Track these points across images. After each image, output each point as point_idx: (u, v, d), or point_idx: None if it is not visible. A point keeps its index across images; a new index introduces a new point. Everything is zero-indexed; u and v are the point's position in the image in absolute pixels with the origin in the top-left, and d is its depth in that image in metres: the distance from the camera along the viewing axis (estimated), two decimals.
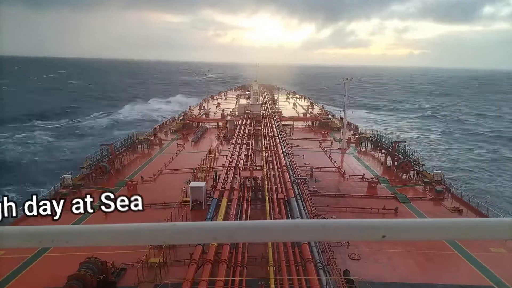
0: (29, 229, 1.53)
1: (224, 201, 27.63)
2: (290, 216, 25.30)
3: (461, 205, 31.64)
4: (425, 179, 37.91)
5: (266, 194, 29.69)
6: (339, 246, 23.18)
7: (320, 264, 19.10)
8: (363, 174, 39.11)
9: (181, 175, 37.84)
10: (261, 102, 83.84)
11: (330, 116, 74.71)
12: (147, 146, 55.00)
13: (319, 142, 54.92)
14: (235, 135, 51.76)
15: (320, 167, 40.64)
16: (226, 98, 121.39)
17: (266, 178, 32.66)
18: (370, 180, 36.76)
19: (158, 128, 70.07)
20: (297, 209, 25.91)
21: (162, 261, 21.13)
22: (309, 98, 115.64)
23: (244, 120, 64.65)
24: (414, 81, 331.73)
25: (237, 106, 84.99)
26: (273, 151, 42.80)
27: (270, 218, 25.44)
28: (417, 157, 41.39)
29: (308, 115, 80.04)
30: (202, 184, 31.21)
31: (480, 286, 20.11)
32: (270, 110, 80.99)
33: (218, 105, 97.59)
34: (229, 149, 44.16)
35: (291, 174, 33.82)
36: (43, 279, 20.41)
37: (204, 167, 39.45)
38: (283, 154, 40.63)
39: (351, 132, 61.95)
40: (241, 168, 35.58)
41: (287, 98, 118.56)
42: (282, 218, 24.79)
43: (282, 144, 46.35)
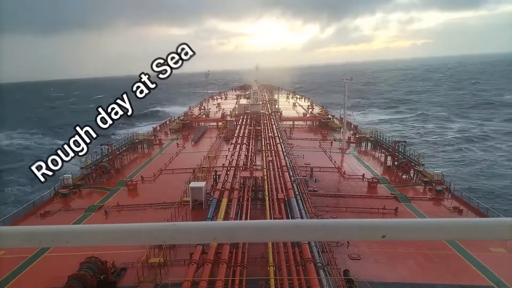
0: (29, 229, 1.53)
1: (224, 201, 27.63)
2: (290, 216, 25.28)
3: (461, 205, 31.63)
4: (425, 179, 37.90)
5: (266, 194, 29.68)
6: (339, 246, 23.19)
7: (320, 264, 19.10)
8: (363, 174, 39.11)
9: (181, 175, 37.86)
10: (261, 102, 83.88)
11: (330, 116, 74.73)
12: (147, 146, 55.08)
13: (319, 142, 54.93)
14: (235, 135, 51.78)
15: (320, 167, 40.67)
16: (226, 98, 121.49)
17: (266, 178, 32.66)
18: (370, 180, 36.77)
19: (158, 128, 70.14)
20: (297, 209, 25.89)
21: (162, 261, 21.13)
22: (309, 98, 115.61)
23: (244, 120, 64.66)
24: (432, 71, 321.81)
25: (237, 106, 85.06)
26: (273, 151, 42.80)
27: (270, 218, 25.42)
28: (417, 157, 41.40)
29: (308, 115, 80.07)
30: (202, 184, 31.23)
31: (480, 286, 20.10)
32: (270, 110, 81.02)
33: (218, 105, 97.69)
34: (229, 149, 44.18)
35: (291, 174, 33.80)
36: (43, 279, 20.41)
37: (204, 167, 39.49)
38: (283, 154, 40.62)
39: (351, 132, 61.96)
40: (241, 168, 35.59)
41: (287, 98, 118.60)
42: (282, 218, 24.78)
43: (282, 144, 46.34)
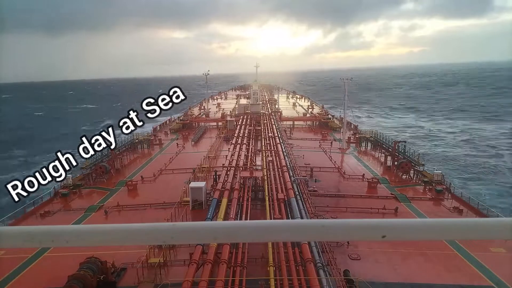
0: (29, 229, 1.53)
1: (224, 201, 27.64)
2: (290, 216, 25.29)
3: (461, 205, 31.64)
4: (425, 179, 37.91)
5: (266, 194, 29.68)
6: (339, 246, 23.19)
7: (320, 264, 19.10)
8: (363, 174, 39.11)
9: (181, 175, 37.88)
10: (261, 102, 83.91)
11: (330, 116, 74.76)
12: (147, 146, 55.09)
13: (319, 142, 54.95)
14: (235, 135, 51.80)
15: (320, 167, 40.68)
16: (226, 98, 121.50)
17: (266, 178, 32.66)
18: (370, 180, 36.76)
19: (158, 128, 70.12)
20: (297, 209, 25.89)
21: (162, 261, 21.12)
22: (309, 98, 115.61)
23: (244, 120, 64.68)
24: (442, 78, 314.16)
25: (237, 106, 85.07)
26: (273, 151, 42.81)
27: (270, 218, 25.42)
28: (417, 157, 41.40)
29: (308, 115, 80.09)
30: (202, 184, 31.23)
31: (480, 286, 20.10)
32: (270, 110, 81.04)
33: (218, 105, 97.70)
34: (229, 149, 44.19)
35: (291, 174, 33.81)
36: (43, 279, 20.41)
37: (204, 167, 39.49)
38: (283, 154, 40.63)
39: (351, 132, 61.96)
40: (241, 168, 35.59)
41: (287, 98, 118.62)
42: (282, 218, 24.78)
43: (282, 144, 46.35)
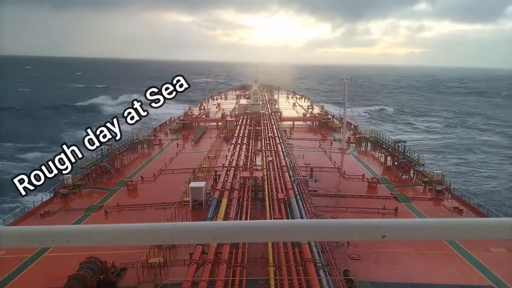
0: (29, 229, 1.53)
1: (224, 201, 27.63)
2: (290, 216, 25.29)
3: (461, 205, 31.65)
4: (425, 179, 37.91)
5: (266, 194, 29.68)
6: (339, 246, 23.19)
7: (320, 264, 19.10)
8: (363, 174, 39.10)
9: (181, 175, 37.86)
10: (261, 102, 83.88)
11: (330, 116, 74.75)
12: (147, 146, 55.04)
13: (319, 142, 54.93)
14: (235, 135, 51.78)
15: (320, 167, 40.67)
16: (226, 98, 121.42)
17: (266, 178, 32.66)
18: (370, 180, 36.76)
19: (158, 128, 70.10)
20: (297, 209, 25.89)
21: (162, 261, 21.11)
22: (309, 98, 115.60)
23: (244, 120, 64.65)
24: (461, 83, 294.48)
25: (237, 106, 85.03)
26: (273, 151, 42.81)
27: (270, 218, 25.42)
28: (417, 157, 41.40)
29: (308, 115, 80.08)
30: (202, 184, 31.22)
31: (480, 286, 20.11)
32: (270, 110, 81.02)
33: (218, 105, 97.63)
34: (229, 149, 44.17)
35: (291, 174, 33.81)
36: (43, 279, 20.40)
37: (204, 167, 39.49)
38: (283, 154, 40.64)
39: (351, 132, 61.96)
40: (241, 168, 35.59)
41: (287, 98, 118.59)
42: (282, 218, 24.77)
43: (282, 144, 46.36)
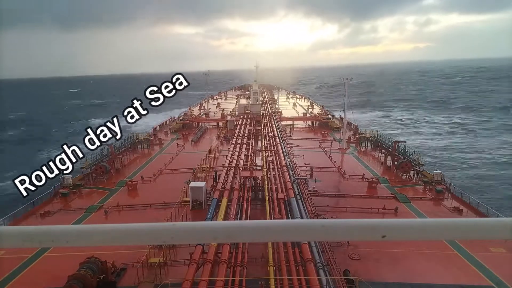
0: (29, 229, 1.53)
1: (224, 201, 27.63)
2: (290, 216, 25.28)
3: (461, 205, 31.63)
4: (425, 179, 37.89)
5: (266, 194, 29.67)
6: (339, 246, 23.19)
7: (320, 264, 19.10)
8: (363, 174, 39.09)
9: (181, 175, 37.85)
10: (261, 102, 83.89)
11: (330, 116, 74.74)
12: (147, 146, 55.08)
13: (319, 142, 54.93)
14: (235, 135, 51.79)
15: (320, 167, 40.67)
16: (226, 98, 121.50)
17: (266, 178, 32.66)
18: (370, 180, 36.75)
19: (158, 128, 70.15)
20: (297, 209, 25.88)
21: (162, 261, 21.11)
22: (309, 98, 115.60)
23: (244, 120, 64.67)
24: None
25: (237, 106, 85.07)
26: (273, 151, 42.81)
27: (270, 218, 25.41)
28: (417, 157, 41.39)
29: (308, 115, 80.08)
30: (202, 184, 31.22)
31: (480, 286, 20.10)
32: (270, 110, 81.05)
33: (218, 105, 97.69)
34: (229, 149, 44.17)
35: (291, 174, 33.81)
36: (43, 279, 20.40)
37: (204, 167, 39.49)
38: (283, 154, 40.64)
39: (351, 132, 61.95)
40: (241, 168, 35.59)
41: (287, 98, 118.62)
42: (282, 218, 24.77)
43: (282, 144, 46.36)
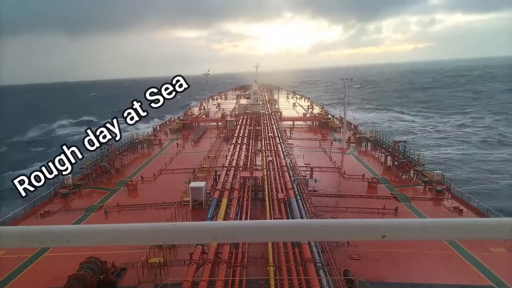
0: (29, 229, 1.53)
1: (224, 201, 27.63)
2: (290, 216, 25.27)
3: (461, 205, 31.63)
4: (425, 179, 37.89)
5: (266, 194, 29.67)
6: (339, 246, 23.19)
7: (320, 264, 19.09)
8: (363, 174, 39.09)
9: (181, 175, 37.86)
10: (261, 102, 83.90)
11: (330, 116, 74.75)
12: (147, 146, 55.09)
13: (319, 142, 54.93)
14: (235, 135, 51.80)
15: (320, 167, 40.67)
16: (226, 98, 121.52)
17: (266, 178, 32.66)
18: (370, 180, 36.74)
19: (158, 128, 70.17)
20: (297, 209, 25.88)
21: (162, 261, 21.12)
22: (309, 98, 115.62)
23: (244, 120, 64.68)
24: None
25: (237, 106, 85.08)
26: (273, 151, 42.81)
27: (270, 218, 25.41)
28: (417, 157, 41.39)
29: (308, 115, 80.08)
30: (202, 184, 31.22)
31: (480, 286, 20.10)
32: (270, 110, 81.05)
33: (218, 105, 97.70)
34: (229, 149, 44.18)
35: (291, 174, 33.80)
36: (43, 279, 20.40)
37: (204, 167, 39.49)
38: (283, 154, 40.64)
39: (351, 132, 61.95)
40: (241, 168, 35.60)
41: (287, 98, 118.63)
42: (282, 218, 24.77)
43: (282, 144, 46.37)
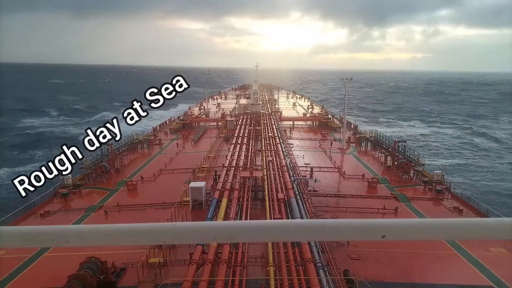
0: (29, 229, 1.53)
1: (224, 201, 27.64)
2: (290, 216, 25.28)
3: (461, 205, 31.63)
4: (425, 179, 37.90)
5: (266, 194, 29.68)
6: (339, 246, 23.18)
7: (320, 264, 19.11)
8: (363, 174, 39.09)
9: (181, 175, 37.84)
10: (261, 102, 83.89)
11: (330, 116, 74.76)
12: (147, 146, 55.05)
13: (319, 142, 54.93)
14: (235, 135, 51.81)
15: (320, 167, 40.67)
16: (226, 98, 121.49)
17: (266, 178, 32.67)
18: (370, 180, 36.74)
19: (158, 128, 70.13)
20: (297, 209, 25.89)
21: (162, 261, 21.11)
22: (309, 98, 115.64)
23: (244, 120, 64.69)
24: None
25: (237, 106, 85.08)
26: (273, 151, 42.82)
27: (270, 218, 25.41)
28: (417, 157, 41.39)
29: (308, 115, 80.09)
30: (202, 184, 31.20)
31: (480, 286, 20.10)
32: (270, 110, 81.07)
33: (218, 105, 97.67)
34: (229, 149, 44.19)
35: (291, 174, 33.82)
36: (43, 279, 20.40)
37: (204, 167, 39.49)
38: (283, 154, 40.65)
39: (351, 132, 61.94)
40: (241, 168, 35.61)
41: (287, 98, 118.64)
42: (282, 218, 24.77)
43: (282, 144, 46.38)
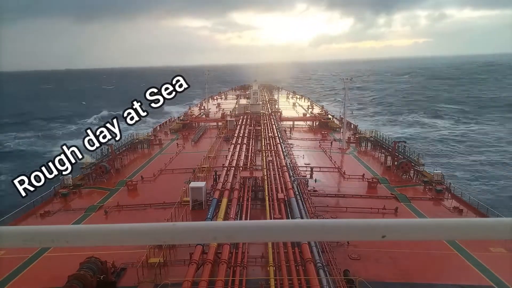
0: (29, 229, 1.53)
1: (224, 201, 27.65)
2: (290, 216, 25.29)
3: (461, 205, 31.63)
4: (425, 179, 37.88)
5: (266, 194, 29.69)
6: (339, 246, 23.19)
7: (320, 264, 19.11)
8: (363, 174, 39.07)
9: (181, 175, 37.85)
10: (261, 102, 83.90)
11: (330, 116, 74.74)
12: (147, 146, 55.08)
13: (319, 142, 54.92)
14: (235, 135, 51.82)
15: (320, 167, 40.67)
16: (226, 98, 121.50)
17: (266, 178, 32.67)
18: (370, 180, 36.73)
19: (158, 128, 70.18)
20: (297, 209, 25.90)
21: (162, 261, 21.12)
22: (309, 98, 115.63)
23: (244, 120, 64.71)
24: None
25: (237, 106, 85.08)
26: (273, 151, 42.83)
27: (270, 218, 25.42)
28: (417, 157, 41.38)
29: (308, 115, 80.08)
30: (202, 184, 31.22)
31: (480, 286, 20.10)
32: (270, 110, 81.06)
33: (218, 105, 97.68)
34: (229, 149, 44.21)
35: (291, 174, 33.82)
36: (43, 279, 20.41)
37: (204, 167, 39.49)
38: (283, 154, 40.66)
39: (351, 132, 61.93)
40: (241, 168, 35.61)
41: (287, 98, 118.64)
42: (282, 218, 24.78)
43: (282, 144, 46.38)
